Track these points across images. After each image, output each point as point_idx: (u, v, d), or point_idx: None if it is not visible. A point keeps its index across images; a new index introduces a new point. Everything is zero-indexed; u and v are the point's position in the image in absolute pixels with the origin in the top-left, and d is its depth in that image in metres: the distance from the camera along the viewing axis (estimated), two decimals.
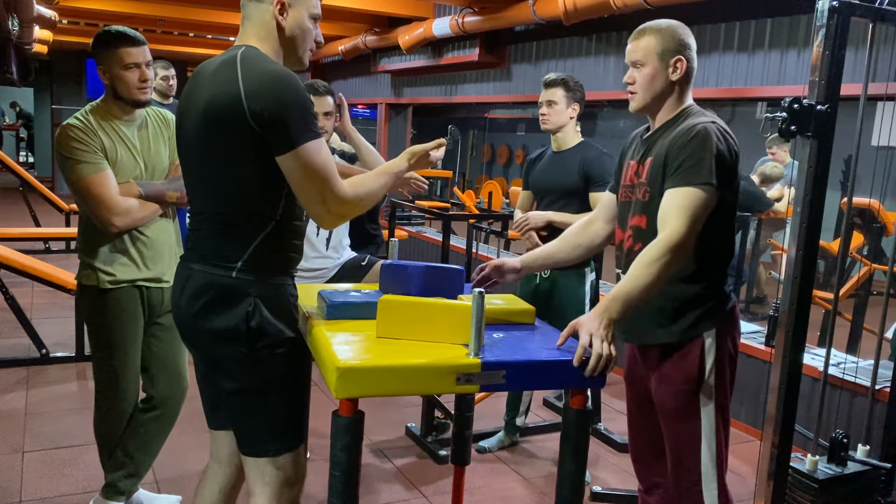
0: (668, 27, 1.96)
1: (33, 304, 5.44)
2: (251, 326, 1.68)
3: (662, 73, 1.94)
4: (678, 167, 1.85)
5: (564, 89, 3.12)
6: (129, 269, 2.44)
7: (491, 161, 17.06)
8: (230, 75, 1.63)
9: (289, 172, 1.64)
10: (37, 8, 6.69)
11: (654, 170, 1.94)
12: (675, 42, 1.93)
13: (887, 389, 2.85)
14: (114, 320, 2.44)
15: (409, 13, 6.65)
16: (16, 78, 10.75)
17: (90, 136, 2.33)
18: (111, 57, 2.33)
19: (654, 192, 1.93)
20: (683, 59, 1.94)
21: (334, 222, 1.73)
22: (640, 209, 1.98)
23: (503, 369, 1.52)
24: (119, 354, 2.48)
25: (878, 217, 5.10)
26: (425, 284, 1.79)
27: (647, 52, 1.94)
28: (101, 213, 2.31)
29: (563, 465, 1.65)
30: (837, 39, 2.20)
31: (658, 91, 1.96)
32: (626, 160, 2.11)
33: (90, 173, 2.30)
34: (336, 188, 1.67)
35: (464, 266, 2.78)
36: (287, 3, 1.72)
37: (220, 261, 1.70)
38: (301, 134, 1.61)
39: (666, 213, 1.83)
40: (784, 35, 3.93)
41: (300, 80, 1.66)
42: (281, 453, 1.77)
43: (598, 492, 3.04)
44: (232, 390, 1.76)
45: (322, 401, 2.62)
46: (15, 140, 17.89)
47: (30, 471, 2.98)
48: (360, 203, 1.74)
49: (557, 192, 3.20)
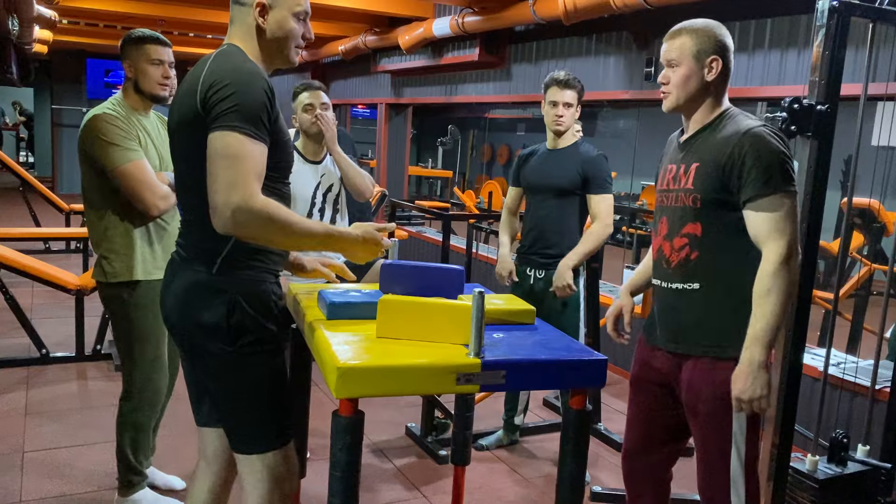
0: (704, 27, 1.92)
1: (33, 304, 5.44)
2: (231, 324, 1.69)
3: (697, 74, 1.91)
4: (750, 176, 1.82)
5: (576, 92, 3.12)
6: (158, 263, 2.53)
7: (491, 161, 17.07)
8: (199, 71, 1.65)
9: (210, 152, 1.57)
10: (37, 8, 6.69)
11: (703, 176, 1.90)
12: (712, 42, 1.90)
13: (887, 389, 2.84)
14: (150, 311, 2.51)
15: (409, 13, 6.65)
16: (16, 78, 10.75)
17: (128, 124, 2.46)
18: (140, 51, 2.49)
19: (706, 199, 1.90)
20: (719, 60, 1.90)
21: (226, 223, 1.56)
22: (692, 216, 1.94)
23: (503, 369, 1.52)
24: (159, 344, 2.58)
25: (878, 217, 5.10)
26: (425, 284, 1.79)
27: (682, 52, 1.91)
28: (147, 197, 2.41)
29: (563, 465, 1.65)
30: (837, 39, 2.20)
31: (692, 91, 1.93)
32: (663, 164, 2.08)
33: (134, 158, 2.41)
34: (249, 189, 1.55)
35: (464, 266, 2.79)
36: (268, 4, 1.71)
37: (201, 259, 1.72)
38: (237, 121, 1.56)
39: (759, 229, 1.82)
40: (784, 35, 3.93)
41: (265, 84, 1.62)
42: (269, 450, 1.77)
43: (598, 492, 3.04)
44: (216, 388, 1.78)
45: (322, 401, 2.63)
46: (15, 140, 17.89)
47: (30, 471, 2.98)
48: (267, 221, 1.57)
49: (553, 191, 3.18)
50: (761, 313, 1.79)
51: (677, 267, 1.97)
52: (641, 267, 2.24)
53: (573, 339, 1.77)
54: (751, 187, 1.82)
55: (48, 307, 5.40)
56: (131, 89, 2.54)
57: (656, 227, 2.05)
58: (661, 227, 2.03)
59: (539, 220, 3.23)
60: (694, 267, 1.94)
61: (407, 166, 8.94)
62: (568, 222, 3.19)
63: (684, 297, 1.97)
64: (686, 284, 1.96)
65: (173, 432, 3.38)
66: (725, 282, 1.92)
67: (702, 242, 1.92)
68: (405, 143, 8.81)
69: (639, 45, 4.77)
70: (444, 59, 6.82)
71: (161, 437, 3.29)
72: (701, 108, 1.95)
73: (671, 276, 1.99)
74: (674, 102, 1.96)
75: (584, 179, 3.13)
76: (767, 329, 1.78)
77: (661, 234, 2.03)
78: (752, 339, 1.80)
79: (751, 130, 1.84)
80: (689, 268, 1.95)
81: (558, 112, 3.12)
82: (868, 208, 5.01)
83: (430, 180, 16.44)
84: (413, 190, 16.16)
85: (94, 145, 2.41)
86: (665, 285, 2.02)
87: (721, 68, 1.91)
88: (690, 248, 1.94)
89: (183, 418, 3.51)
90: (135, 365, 2.58)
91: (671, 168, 2.02)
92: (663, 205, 2.03)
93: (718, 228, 1.91)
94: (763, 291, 1.79)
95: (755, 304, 1.80)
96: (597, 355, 1.62)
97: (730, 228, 1.89)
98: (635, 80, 4.84)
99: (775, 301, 1.78)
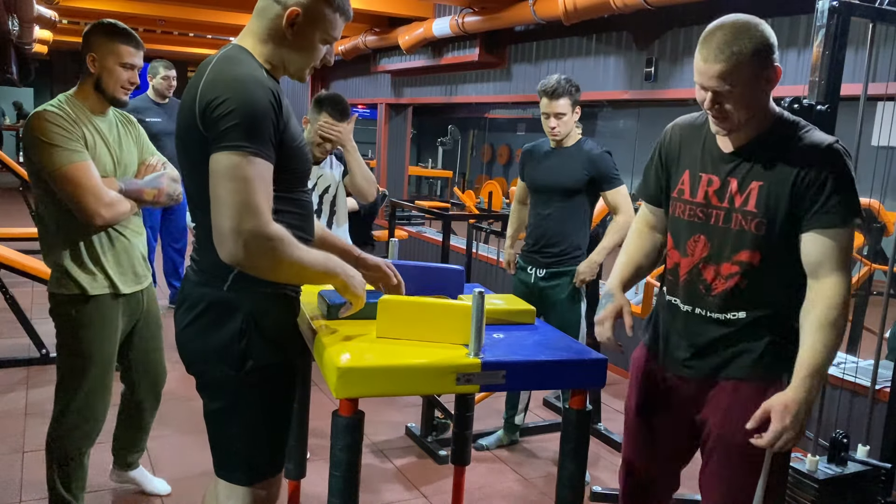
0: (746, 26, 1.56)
1: (33, 304, 5.43)
2: (241, 347, 1.58)
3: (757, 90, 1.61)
4: (829, 203, 1.60)
5: (569, 97, 3.08)
6: (111, 274, 2.34)
7: (491, 161, 17.07)
8: (198, 79, 1.53)
9: (214, 174, 1.45)
10: (37, 8, 6.69)
11: (771, 198, 1.65)
12: (765, 43, 1.57)
13: (887, 389, 2.84)
14: (101, 330, 2.34)
15: (409, 13, 6.65)
16: (16, 78, 10.76)
17: (71, 124, 2.22)
18: (110, 49, 2.27)
19: (771, 225, 1.66)
20: (775, 63, 1.60)
21: (236, 252, 1.44)
22: (751, 243, 1.68)
23: (503, 369, 1.52)
24: (106, 368, 2.38)
25: (878, 217, 5.10)
26: (425, 284, 1.79)
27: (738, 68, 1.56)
28: (88, 204, 2.16)
29: (563, 465, 1.65)
30: (837, 39, 2.20)
31: (755, 109, 1.63)
32: (685, 167, 1.79)
33: (75, 161, 2.16)
34: (263, 214, 1.44)
35: (464, 266, 2.79)
36: (300, 18, 1.56)
37: (213, 273, 1.59)
38: (241, 140, 1.44)
39: (825, 259, 1.61)
40: (784, 35, 3.92)
41: (269, 94, 1.49)
42: (256, 482, 1.67)
43: (598, 492, 3.04)
44: (213, 410, 1.66)
45: (322, 401, 2.63)
46: (15, 140, 17.88)
47: (30, 471, 2.98)
48: (278, 250, 1.47)
49: (557, 191, 3.18)
50: (822, 345, 1.59)
51: (722, 296, 1.73)
52: (627, 257, 1.96)
53: (573, 339, 1.77)
54: (828, 216, 1.60)
55: (48, 307, 5.39)
56: (90, 87, 2.29)
57: (682, 245, 1.79)
58: (697, 248, 1.76)
59: (542, 219, 3.23)
60: (741, 296, 1.72)
61: (407, 166, 8.94)
62: (571, 221, 3.20)
63: (726, 326, 1.75)
64: (730, 315, 1.74)
65: (173, 432, 3.38)
66: (774, 308, 1.73)
67: (757, 271, 1.69)
68: (405, 143, 8.81)
69: (639, 45, 4.76)
70: (444, 59, 6.82)
71: (161, 437, 3.29)
72: (753, 119, 1.65)
73: (711, 304, 1.75)
74: (733, 128, 1.65)
75: (591, 179, 3.13)
76: (826, 362, 1.60)
77: (696, 255, 1.76)
78: (812, 370, 1.58)
79: (830, 148, 1.62)
80: (736, 297, 1.72)
81: (551, 124, 3.12)
82: (868, 208, 5.00)
83: (430, 180, 16.45)
84: (413, 190, 16.17)
85: (33, 145, 2.17)
86: (700, 312, 1.77)
87: (776, 72, 1.61)
88: (742, 277, 1.70)
89: (181, 418, 3.52)
90: (76, 386, 2.34)
91: (710, 179, 1.73)
92: (700, 221, 1.75)
93: (778, 257, 1.69)
94: (827, 322, 1.59)
95: (818, 332, 1.60)
96: (597, 355, 1.62)
97: (787, 256, 1.68)
98: (635, 80, 4.84)
99: (837, 335, 1.60)
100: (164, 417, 3.53)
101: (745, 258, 1.69)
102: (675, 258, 1.81)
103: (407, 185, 9.14)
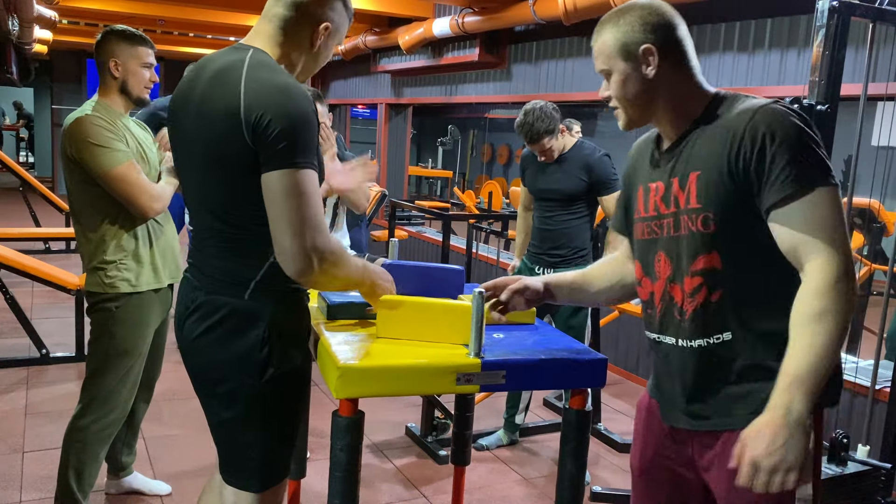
0: (626, 9, 1.43)
1: (33, 304, 5.43)
2: (263, 355, 1.55)
3: (634, 75, 1.42)
4: (773, 172, 1.30)
5: (547, 135, 3.11)
6: (157, 269, 2.45)
7: (491, 161, 17.07)
8: (232, 83, 1.47)
9: (273, 194, 1.45)
10: (37, 8, 6.69)
11: (707, 186, 1.37)
12: (636, 28, 1.40)
13: (887, 389, 2.84)
14: (137, 324, 2.42)
15: (409, 13, 6.65)
16: (16, 78, 10.76)
17: (114, 126, 2.35)
18: (132, 52, 2.40)
19: (719, 217, 1.37)
20: (653, 47, 1.39)
21: (305, 268, 1.45)
22: (705, 245, 1.39)
23: (503, 369, 1.52)
24: (136, 363, 2.45)
25: (878, 217, 5.10)
26: (425, 284, 1.79)
27: (607, 55, 1.44)
28: (142, 200, 2.32)
29: (563, 465, 1.65)
30: (837, 39, 2.20)
31: (640, 98, 1.44)
32: (639, 183, 1.55)
33: (125, 160, 2.31)
34: (323, 230, 1.46)
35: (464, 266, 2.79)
36: (333, 29, 1.62)
37: (230, 282, 1.56)
38: (298, 157, 1.44)
39: (797, 242, 1.30)
40: (784, 35, 3.93)
41: (312, 105, 1.50)
42: (266, 488, 1.65)
43: (598, 492, 3.04)
44: (227, 419, 1.62)
45: (322, 401, 2.63)
46: (15, 140, 17.89)
47: (30, 471, 2.98)
48: (339, 263, 1.50)
49: (557, 198, 3.24)
50: (805, 345, 1.26)
51: (695, 317, 1.42)
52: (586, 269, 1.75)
53: (573, 338, 1.77)
54: (777, 187, 1.30)
55: (48, 307, 5.40)
56: (115, 90, 2.41)
57: (649, 270, 1.51)
58: (660, 268, 1.48)
59: (546, 224, 3.30)
60: (717, 311, 1.40)
61: (407, 166, 8.95)
62: (575, 225, 3.26)
63: (712, 355, 1.42)
64: (712, 339, 1.41)
65: (173, 432, 3.38)
66: (765, 320, 1.39)
67: (724, 276, 1.39)
68: (405, 143, 8.81)
69: None
70: (444, 59, 6.83)
71: (160, 437, 3.29)
72: (671, 107, 1.44)
73: (688, 331, 1.43)
74: (627, 120, 1.48)
75: (589, 185, 3.16)
76: (814, 368, 1.25)
77: (661, 278, 1.48)
78: (792, 380, 1.25)
79: (761, 108, 1.33)
80: (712, 313, 1.40)
81: (539, 157, 3.22)
82: (868, 208, 5.00)
83: (430, 180, 16.46)
84: (413, 190, 16.18)
85: (82, 149, 2.27)
86: (681, 344, 1.45)
87: (660, 55, 1.40)
88: (709, 289, 1.40)
89: (181, 418, 3.52)
90: (105, 378, 2.40)
91: (654, 187, 1.49)
92: (654, 237, 1.49)
93: (744, 251, 1.39)
94: (808, 316, 1.27)
95: (797, 332, 1.28)
96: (597, 355, 1.62)
97: (759, 247, 1.37)
98: None
99: (827, 330, 1.25)
100: (164, 417, 3.54)
101: (702, 265, 1.40)
102: (647, 287, 1.53)
103: (407, 185, 9.14)
